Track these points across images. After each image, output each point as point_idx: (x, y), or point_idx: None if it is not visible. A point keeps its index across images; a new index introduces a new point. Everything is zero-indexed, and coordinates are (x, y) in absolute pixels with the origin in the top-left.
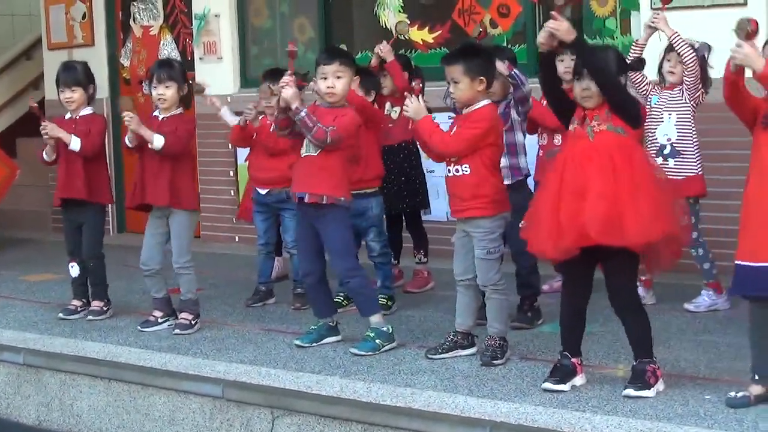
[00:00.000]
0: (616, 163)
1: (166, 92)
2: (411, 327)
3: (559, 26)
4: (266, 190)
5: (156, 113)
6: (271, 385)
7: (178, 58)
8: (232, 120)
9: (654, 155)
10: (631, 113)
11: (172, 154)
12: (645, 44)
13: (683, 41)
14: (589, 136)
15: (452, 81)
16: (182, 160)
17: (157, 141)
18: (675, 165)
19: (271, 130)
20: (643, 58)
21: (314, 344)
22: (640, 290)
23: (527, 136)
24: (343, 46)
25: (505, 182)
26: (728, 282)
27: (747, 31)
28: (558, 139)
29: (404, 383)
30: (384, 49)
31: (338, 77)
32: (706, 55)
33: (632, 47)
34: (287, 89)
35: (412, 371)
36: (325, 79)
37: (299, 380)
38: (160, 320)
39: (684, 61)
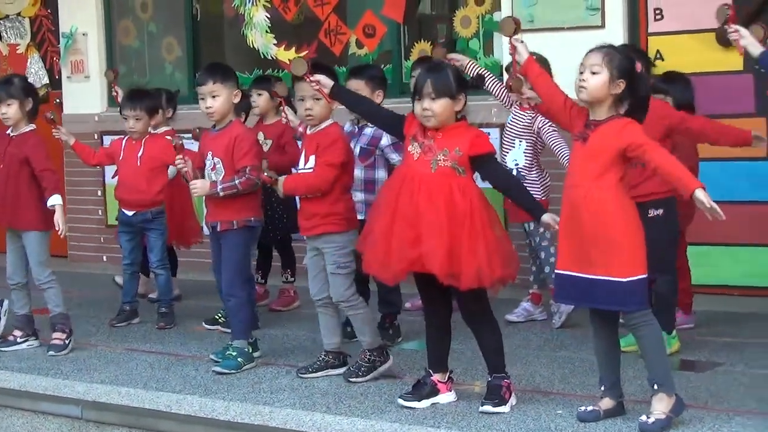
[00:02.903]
0: (457, 203)
1: (8, 111)
2: (274, 345)
3: None
4: (133, 212)
5: (9, 131)
6: (131, 404)
7: (45, 77)
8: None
9: None
10: None
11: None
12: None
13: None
14: (431, 167)
15: (314, 98)
16: (29, 181)
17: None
18: None
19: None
20: (482, 74)
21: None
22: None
23: None
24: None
25: (360, 217)
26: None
27: (726, 16)
28: None
29: (263, 401)
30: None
31: (214, 96)
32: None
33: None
34: (197, 190)
35: (272, 389)
36: (203, 99)
37: (158, 400)
38: (19, 339)
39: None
